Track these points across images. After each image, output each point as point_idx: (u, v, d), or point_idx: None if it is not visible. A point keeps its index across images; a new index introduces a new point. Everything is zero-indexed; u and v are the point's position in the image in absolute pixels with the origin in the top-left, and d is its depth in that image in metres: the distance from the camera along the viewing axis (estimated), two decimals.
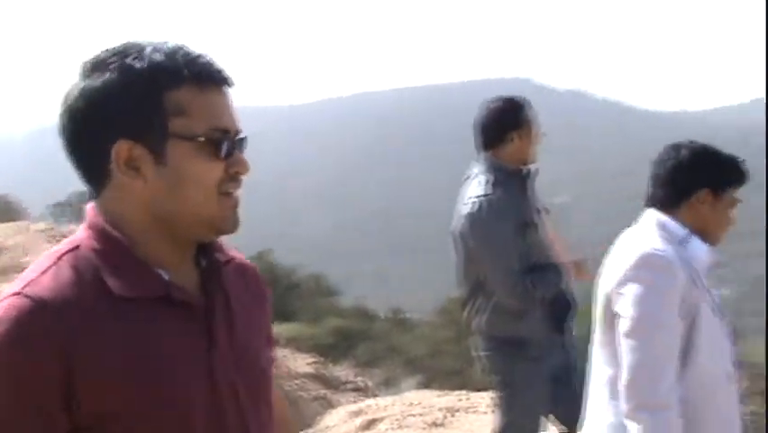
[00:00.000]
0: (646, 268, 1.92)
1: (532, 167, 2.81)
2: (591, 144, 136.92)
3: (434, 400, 5.37)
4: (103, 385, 0.92)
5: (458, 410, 4.93)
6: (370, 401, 5.66)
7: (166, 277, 1.00)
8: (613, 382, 1.95)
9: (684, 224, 2.02)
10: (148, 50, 0.99)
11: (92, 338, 0.91)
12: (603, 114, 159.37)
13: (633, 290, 1.90)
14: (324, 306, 16.66)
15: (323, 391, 6.50)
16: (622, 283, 1.93)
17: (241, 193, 1.03)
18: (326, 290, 19.45)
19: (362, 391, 6.66)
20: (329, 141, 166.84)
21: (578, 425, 2.68)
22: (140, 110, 0.97)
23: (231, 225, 1.03)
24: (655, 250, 1.95)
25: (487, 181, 2.70)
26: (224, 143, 1.00)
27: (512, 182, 2.74)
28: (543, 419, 2.87)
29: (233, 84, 1.03)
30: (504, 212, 2.64)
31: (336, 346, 11.56)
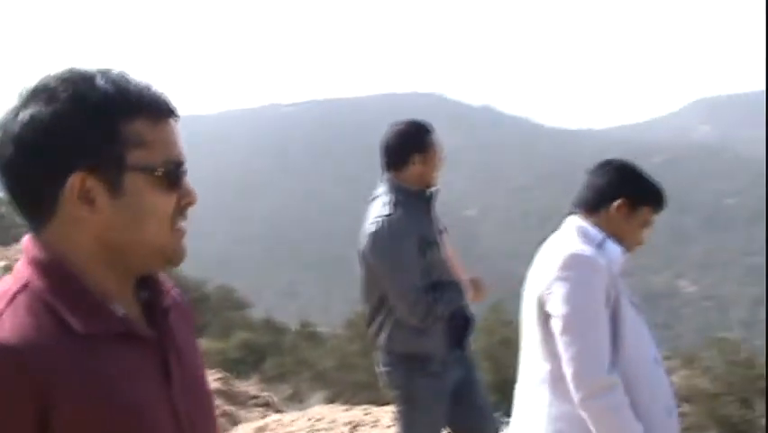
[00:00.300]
0: (572, 267, 2.07)
1: (434, 189, 2.90)
2: (500, 159, 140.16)
3: (340, 414, 5.39)
4: (78, 425, 0.91)
5: (362, 425, 4.94)
6: (276, 417, 5.63)
7: (120, 312, 0.99)
8: (554, 377, 2.06)
9: (601, 228, 2.19)
10: (99, 79, 0.97)
11: (63, 379, 0.90)
12: (512, 130, 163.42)
13: (562, 288, 2.04)
14: (234, 319, 16.37)
15: (228, 408, 6.40)
16: (551, 284, 2.06)
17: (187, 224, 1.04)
18: (236, 303, 19.10)
19: (269, 407, 6.57)
20: (233, 152, 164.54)
21: None
22: (96, 142, 0.95)
23: (181, 255, 1.04)
24: (578, 250, 2.10)
25: (389, 202, 2.77)
26: (178, 175, 1.01)
27: (414, 203, 2.81)
28: None
29: (178, 116, 1.03)
30: (405, 231, 2.70)
31: (244, 361, 11.41)
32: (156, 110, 1.00)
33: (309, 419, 5.26)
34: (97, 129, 0.95)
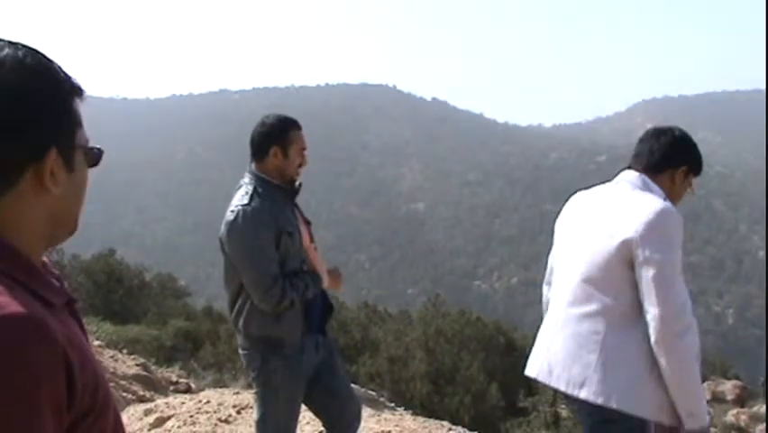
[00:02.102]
0: (665, 220, 2.29)
1: (297, 182, 3.03)
2: (450, 154, 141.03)
3: (228, 398, 5.50)
4: (84, 387, 0.94)
5: (248, 408, 5.05)
6: (166, 400, 5.67)
7: (56, 284, 1.02)
8: (614, 312, 2.31)
9: (661, 187, 2.48)
10: (46, 59, 1.00)
11: (68, 344, 0.93)
12: (463, 125, 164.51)
13: (657, 238, 2.26)
14: (174, 307, 16.15)
15: (145, 393, 6.38)
16: (645, 232, 2.26)
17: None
18: (177, 291, 18.89)
19: (190, 393, 6.53)
20: (180, 138, 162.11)
21: (341, 420, 3.02)
22: (68, 119, 1.01)
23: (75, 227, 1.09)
24: (668, 205, 2.34)
25: (248, 192, 2.88)
26: (95, 153, 1.07)
27: (274, 194, 2.93)
28: (299, 414, 3.09)
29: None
30: (260, 221, 2.82)
31: (178, 348, 11.31)
32: (81, 92, 1.05)
33: (199, 402, 5.38)
34: (68, 107, 1.00)
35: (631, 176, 2.49)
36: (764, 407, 11.54)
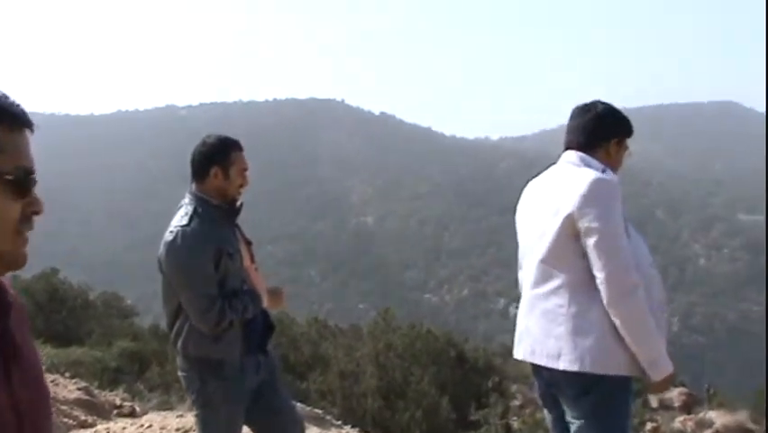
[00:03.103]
0: (601, 190, 2.45)
1: (238, 202, 3.03)
2: (398, 167, 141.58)
3: (171, 421, 5.41)
4: None
5: (191, 430, 4.94)
6: (107, 425, 5.55)
7: None
8: (573, 283, 2.47)
9: (599, 161, 2.64)
10: None
11: None
12: (411, 138, 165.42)
13: (596, 208, 2.42)
14: (119, 327, 15.79)
15: (89, 418, 6.19)
16: (584, 205, 2.43)
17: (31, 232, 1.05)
18: (122, 310, 18.48)
19: (133, 417, 6.37)
20: (127, 154, 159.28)
21: None
22: None
23: (21, 262, 1.07)
24: (602, 176, 2.50)
25: (187, 212, 2.89)
26: (27, 183, 1.05)
27: (213, 214, 2.92)
28: None
29: (33, 130, 1.07)
30: (199, 242, 2.82)
31: (123, 370, 11.06)
32: (11, 118, 1.03)
33: (141, 426, 5.29)
34: None
35: (570, 156, 2.67)
36: (709, 413, 11.77)
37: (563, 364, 2.48)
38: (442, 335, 12.33)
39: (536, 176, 2.79)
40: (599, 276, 2.41)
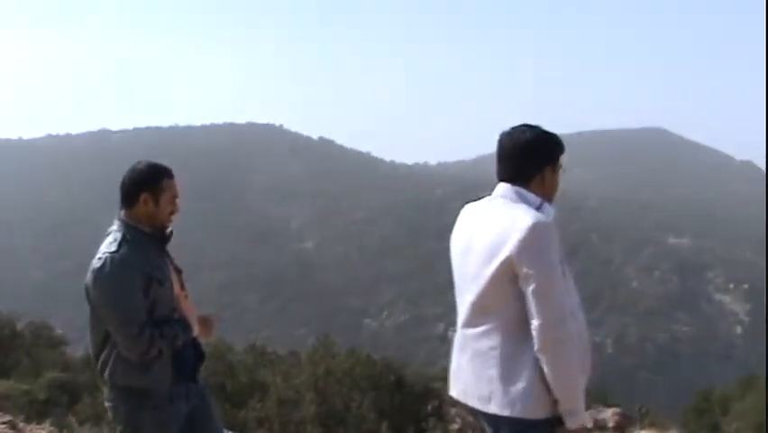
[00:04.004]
0: (538, 233, 2.40)
1: (168, 229, 3.01)
2: (338, 192, 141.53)
3: None
4: None
5: None
6: None
7: None
8: (508, 325, 2.45)
9: (535, 193, 2.57)
10: None
11: None
12: (351, 163, 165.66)
13: (534, 252, 2.39)
14: (48, 357, 15.32)
15: None
16: (521, 249, 2.39)
17: None
18: (52, 340, 17.95)
19: None
20: (56, 180, 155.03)
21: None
22: None
23: None
24: (540, 218, 2.44)
25: (116, 239, 2.86)
26: None
27: (143, 241, 2.90)
28: None
29: None
30: (128, 269, 2.78)
31: (53, 402, 10.72)
32: None
33: None
34: None
35: (505, 189, 2.60)
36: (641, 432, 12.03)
37: (494, 409, 2.48)
38: (381, 360, 12.32)
39: (472, 201, 2.75)
40: (534, 322, 2.40)
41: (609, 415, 13.94)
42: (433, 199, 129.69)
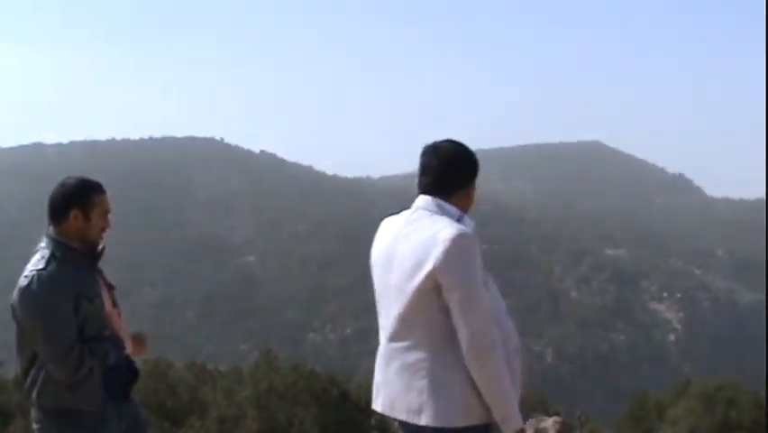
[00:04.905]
0: (460, 245, 2.42)
1: (100, 246, 2.96)
2: (280, 206, 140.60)
3: None
4: None
5: None
6: None
7: None
8: (434, 338, 2.46)
9: (455, 206, 2.60)
10: None
11: None
12: (293, 177, 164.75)
13: (456, 264, 2.42)
14: None
15: None
16: (448, 261, 2.41)
17: None
18: None
19: None
20: None
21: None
22: None
23: None
24: (461, 230, 2.46)
25: (44, 256, 2.80)
26: None
27: (72, 258, 2.84)
28: None
29: None
30: (56, 287, 2.73)
31: None
32: None
33: None
34: None
35: (426, 202, 2.62)
36: None
37: (425, 420, 2.47)
38: (325, 374, 12.30)
39: (392, 214, 2.78)
40: (460, 333, 2.42)
41: (550, 423, 14.17)
42: (375, 212, 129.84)
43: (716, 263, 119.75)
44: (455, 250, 2.42)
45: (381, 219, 2.87)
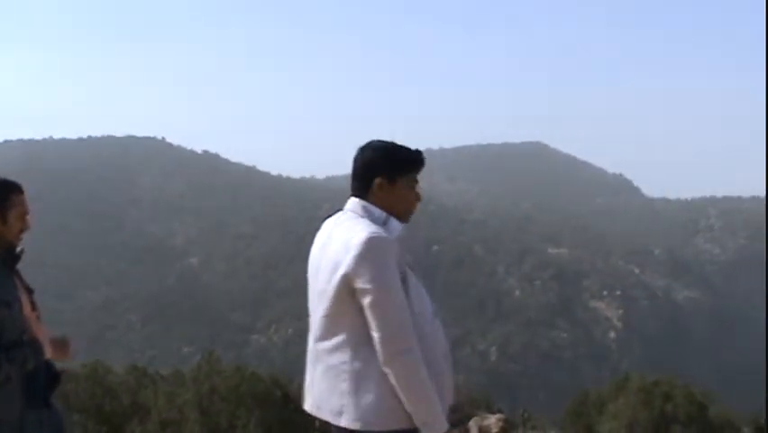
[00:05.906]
0: (372, 248, 2.42)
1: (18, 248, 2.88)
2: (223, 206, 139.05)
3: None
4: None
5: None
6: None
7: None
8: (355, 342, 2.47)
9: (378, 207, 2.58)
10: None
11: None
12: (236, 177, 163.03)
13: (368, 267, 2.40)
14: None
15: None
16: (357, 264, 2.41)
17: None
18: None
19: None
20: None
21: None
22: None
23: None
24: (374, 233, 2.45)
25: None
26: None
27: None
28: None
29: None
30: None
31: None
32: None
33: None
34: None
35: (353, 204, 2.64)
36: None
37: (345, 422, 2.49)
38: (268, 376, 12.21)
39: (330, 216, 2.78)
40: (375, 336, 2.42)
41: (494, 421, 14.34)
42: (320, 213, 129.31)
43: (653, 262, 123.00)
44: (366, 253, 2.42)
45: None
